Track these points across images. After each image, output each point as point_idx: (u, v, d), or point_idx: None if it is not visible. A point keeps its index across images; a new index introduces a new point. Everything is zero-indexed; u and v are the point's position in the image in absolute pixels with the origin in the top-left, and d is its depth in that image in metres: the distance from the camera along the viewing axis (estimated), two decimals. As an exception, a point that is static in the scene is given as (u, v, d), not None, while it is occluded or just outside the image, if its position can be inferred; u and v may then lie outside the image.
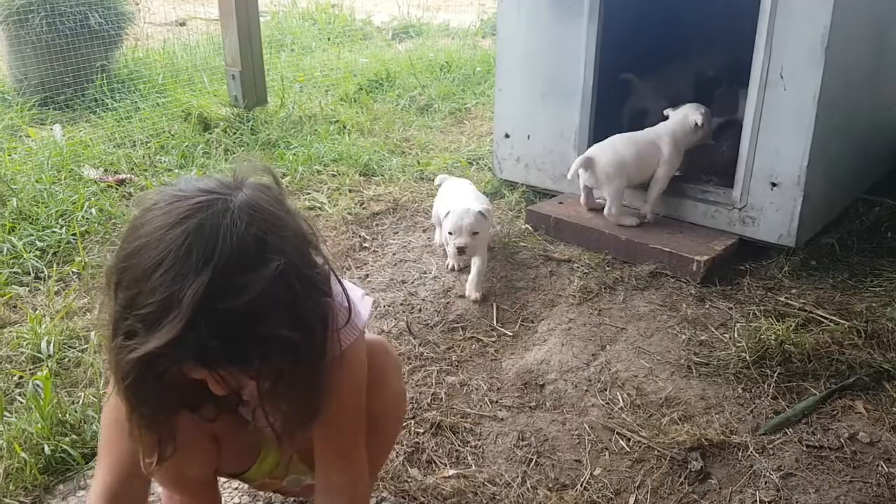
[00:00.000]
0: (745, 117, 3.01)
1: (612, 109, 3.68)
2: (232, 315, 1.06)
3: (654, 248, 3.03)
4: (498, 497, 1.94)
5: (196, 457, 1.53)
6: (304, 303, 1.15)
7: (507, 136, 3.75)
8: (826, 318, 2.67)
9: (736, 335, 2.59)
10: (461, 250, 2.91)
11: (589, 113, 3.46)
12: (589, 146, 3.41)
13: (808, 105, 2.85)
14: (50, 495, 1.92)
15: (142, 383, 1.10)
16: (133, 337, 1.07)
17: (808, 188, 2.94)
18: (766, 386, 2.35)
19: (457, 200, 3.03)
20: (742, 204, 3.09)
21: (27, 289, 2.88)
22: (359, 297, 1.48)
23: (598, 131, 3.45)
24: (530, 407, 2.31)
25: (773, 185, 2.99)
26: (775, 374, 2.38)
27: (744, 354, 2.46)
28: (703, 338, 2.61)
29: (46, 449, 1.98)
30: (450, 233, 2.92)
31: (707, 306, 2.80)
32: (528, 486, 1.98)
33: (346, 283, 1.46)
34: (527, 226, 3.46)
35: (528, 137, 3.65)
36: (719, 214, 3.17)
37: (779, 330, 2.52)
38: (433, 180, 3.73)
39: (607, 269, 3.07)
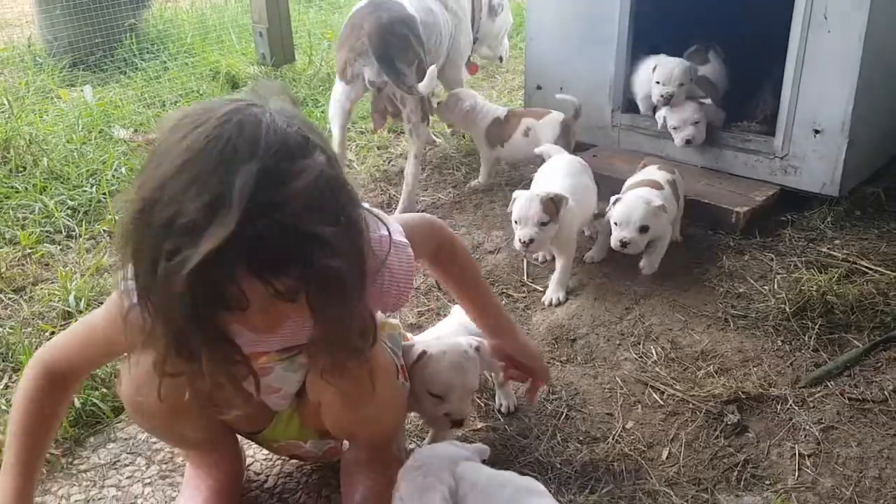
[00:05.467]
0: (787, 62, 2.88)
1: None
2: (285, 206, 1.00)
3: (692, 199, 2.93)
4: (528, 450, 1.90)
5: (191, 417, 1.51)
6: (348, 209, 1.11)
7: (538, 88, 3.65)
8: (870, 269, 2.57)
9: (776, 287, 2.50)
10: (525, 244, 2.47)
11: (625, 62, 3.35)
12: (625, 97, 3.31)
13: (853, 47, 2.72)
14: (80, 447, 1.93)
15: (199, 299, 1.02)
16: (177, 254, 0.98)
17: (853, 135, 2.81)
18: (806, 338, 2.27)
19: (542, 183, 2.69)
20: (784, 153, 2.98)
21: (59, 247, 2.90)
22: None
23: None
24: (561, 361, 2.26)
25: (816, 132, 2.87)
26: (816, 326, 2.29)
27: (784, 306, 2.37)
28: (741, 290, 2.53)
29: (77, 402, 1.98)
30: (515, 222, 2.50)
31: (746, 258, 2.71)
32: (559, 439, 1.94)
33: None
34: (559, 179, 3.38)
35: (561, 89, 3.54)
36: (760, 164, 3.06)
37: (821, 281, 2.43)
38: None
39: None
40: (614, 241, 2.52)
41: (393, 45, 2.94)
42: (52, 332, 2.35)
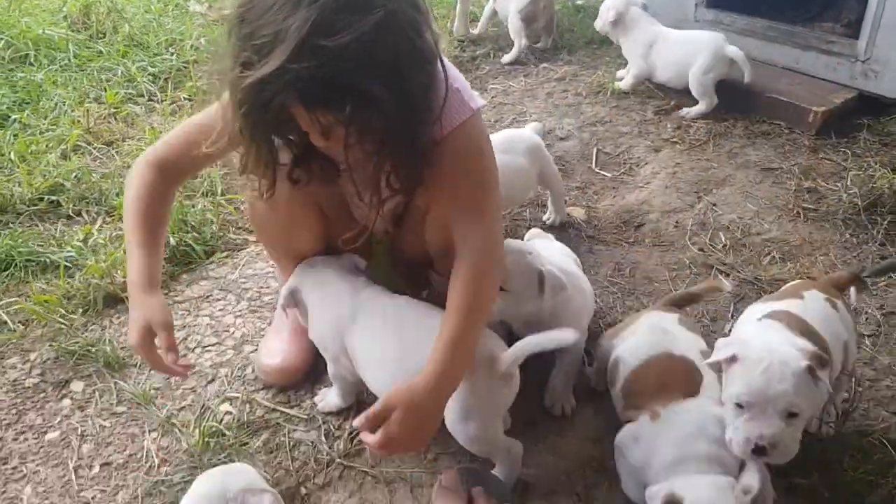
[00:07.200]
0: (878, -40, 2.79)
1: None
2: (330, 54, 1.09)
3: (770, 96, 2.91)
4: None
5: (305, 225, 1.64)
6: (404, 65, 1.16)
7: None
8: (946, 173, 2.55)
9: (848, 183, 2.50)
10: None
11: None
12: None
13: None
14: (175, 282, 2.07)
15: (254, 109, 1.18)
16: (249, 67, 1.14)
17: (943, 39, 2.74)
18: (875, 232, 2.29)
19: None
20: (866, 56, 2.91)
21: (142, 108, 2.99)
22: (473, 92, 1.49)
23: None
24: (628, 242, 2.31)
25: (904, 35, 2.80)
26: (886, 221, 2.31)
27: (855, 200, 2.38)
28: (813, 185, 2.54)
29: (171, 241, 2.11)
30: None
31: (820, 157, 2.70)
32: (620, 312, 2.01)
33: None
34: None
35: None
36: (841, 67, 2.99)
37: (894, 179, 2.43)
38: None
39: (721, 116, 2.98)
40: None
41: None
42: (144, 182, 2.46)
